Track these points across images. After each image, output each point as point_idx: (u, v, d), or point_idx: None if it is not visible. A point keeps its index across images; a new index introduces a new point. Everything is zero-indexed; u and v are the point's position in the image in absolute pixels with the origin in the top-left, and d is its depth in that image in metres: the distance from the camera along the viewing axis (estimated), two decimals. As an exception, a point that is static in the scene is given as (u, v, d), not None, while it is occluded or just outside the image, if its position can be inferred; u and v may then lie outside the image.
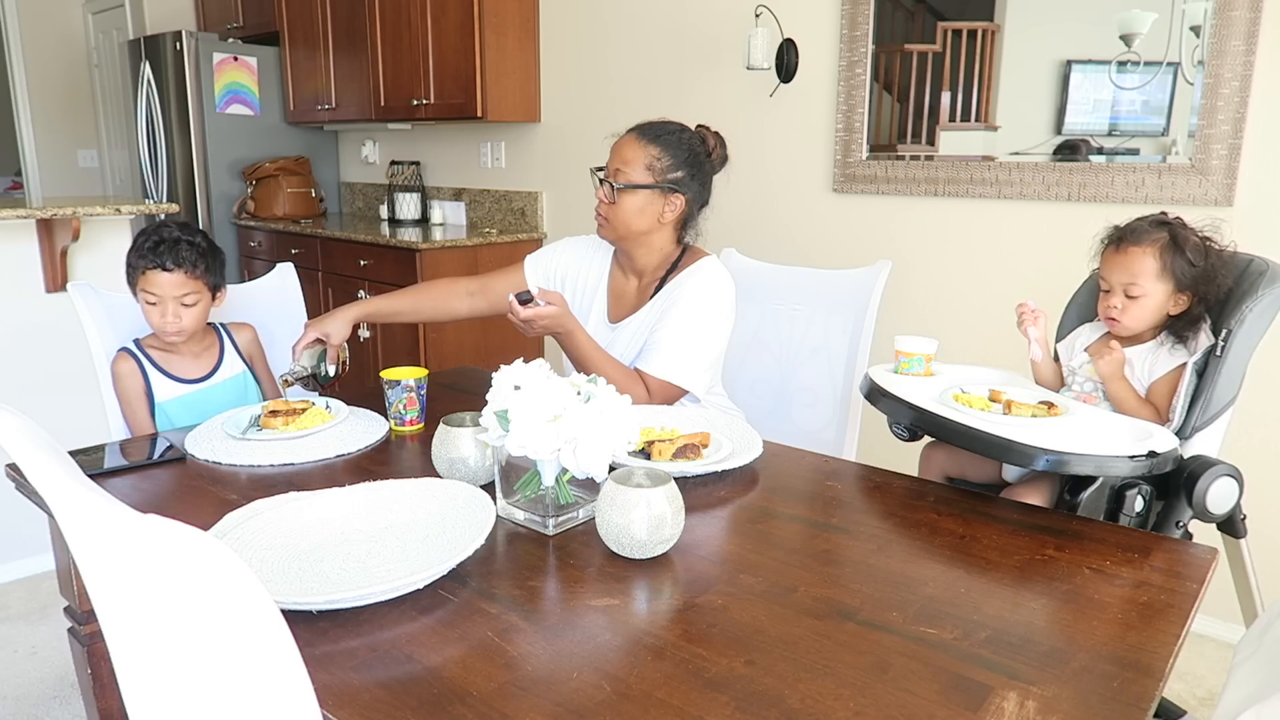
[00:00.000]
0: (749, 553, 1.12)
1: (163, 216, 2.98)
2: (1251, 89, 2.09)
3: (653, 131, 1.70)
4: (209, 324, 1.84)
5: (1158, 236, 1.48)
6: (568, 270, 1.88)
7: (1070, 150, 2.37)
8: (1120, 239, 1.52)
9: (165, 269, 1.69)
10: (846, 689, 0.84)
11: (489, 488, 1.27)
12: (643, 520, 1.06)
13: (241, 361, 1.86)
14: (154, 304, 1.70)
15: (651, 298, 1.75)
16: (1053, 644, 0.92)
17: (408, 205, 4.15)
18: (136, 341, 1.77)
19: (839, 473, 1.43)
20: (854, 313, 1.99)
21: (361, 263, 3.60)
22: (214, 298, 1.78)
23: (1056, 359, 1.66)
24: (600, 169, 1.73)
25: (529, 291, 1.59)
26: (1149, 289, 1.48)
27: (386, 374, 1.57)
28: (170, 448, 1.46)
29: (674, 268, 1.76)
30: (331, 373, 1.74)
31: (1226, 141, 2.13)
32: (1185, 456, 1.38)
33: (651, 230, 1.72)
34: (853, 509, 1.29)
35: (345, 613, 0.96)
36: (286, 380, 1.69)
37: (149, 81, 4.36)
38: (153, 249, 1.69)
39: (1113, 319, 1.53)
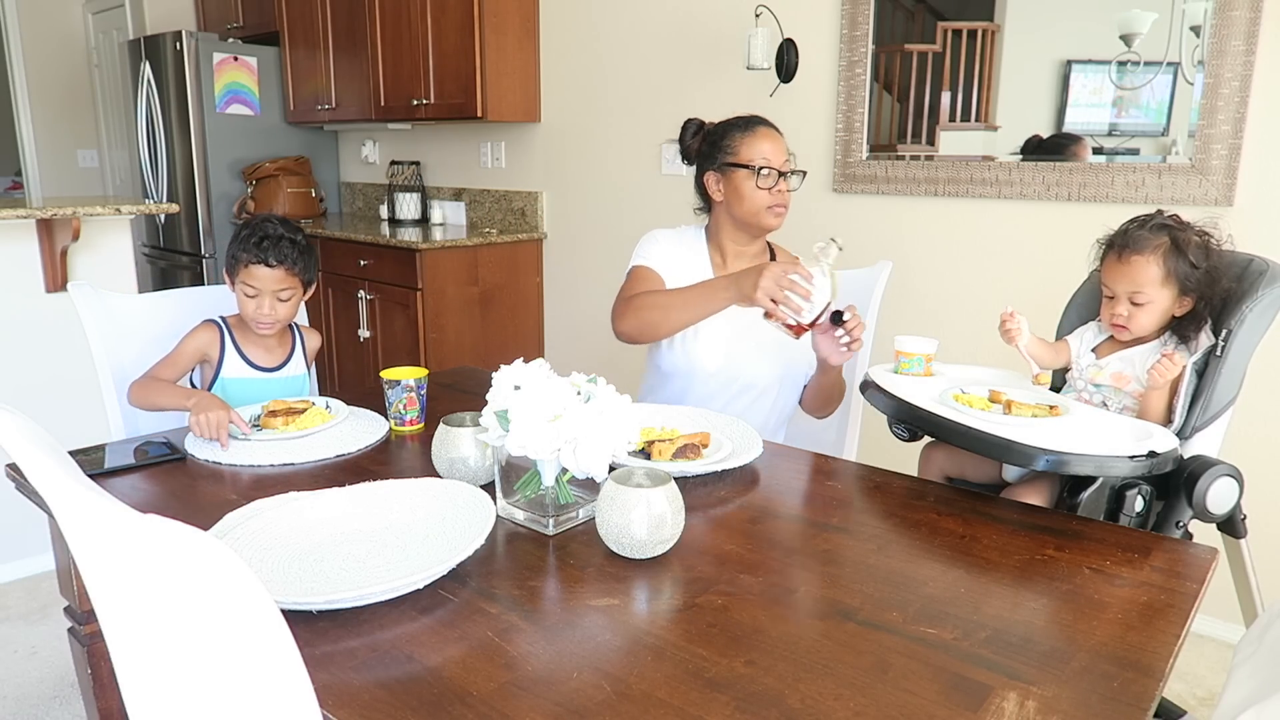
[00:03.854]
0: (749, 553, 1.12)
1: (163, 218, 2.99)
2: (1251, 89, 2.09)
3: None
4: None
5: (1159, 242, 1.48)
6: (673, 264, 1.84)
7: (1049, 150, 2.37)
8: (1122, 247, 1.51)
9: (268, 265, 1.73)
10: (846, 689, 0.84)
11: (489, 488, 1.27)
12: (643, 520, 1.06)
13: (304, 364, 1.88)
14: (252, 296, 1.75)
15: None
16: (1053, 644, 0.92)
17: (408, 205, 4.15)
18: (224, 318, 1.81)
19: (839, 473, 1.43)
20: (854, 313, 1.99)
21: (361, 263, 3.60)
22: (305, 293, 1.83)
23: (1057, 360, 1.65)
24: (763, 167, 1.72)
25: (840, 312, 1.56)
26: (1154, 296, 1.48)
27: (386, 374, 1.57)
28: (171, 448, 1.46)
29: (773, 256, 1.89)
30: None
31: (1226, 141, 2.13)
32: (1185, 456, 1.38)
33: None
34: (853, 509, 1.29)
35: (345, 613, 0.96)
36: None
37: (149, 81, 4.36)
38: (257, 244, 1.74)
39: (1119, 326, 1.52)
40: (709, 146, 1.80)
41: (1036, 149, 2.41)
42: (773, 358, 1.80)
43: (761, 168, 1.73)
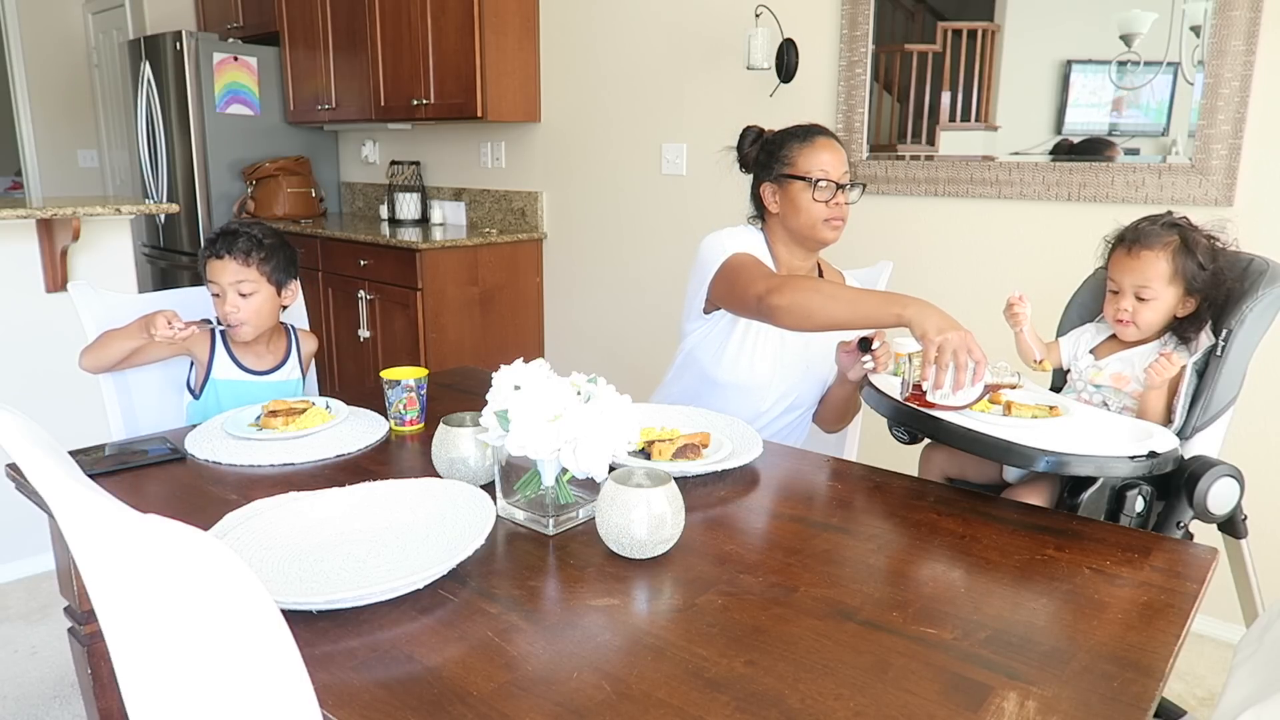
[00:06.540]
0: (749, 553, 1.12)
1: (163, 218, 2.98)
2: (1251, 89, 2.09)
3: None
4: (281, 324, 1.87)
5: (1169, 240, 1.48)
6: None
7: (1085, 150, 2.36)
8: (1132, 241, 1.51)
9: (218, 256, 1.74)
10: (846, 689, 0.84)
11: (489, 488, 1.27)
12: (643, 520, 1.06)
13: (299, 368, 1.88)
14: (217, 295, 1.75)
15: None
16: (1053, 644, 0.92)
17: (408, 205, 4.15)
18: (221, 323, 1.80)
19: (839, 473, 1.43)
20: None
21: (361, 263, 3.60)
22: (279, 294, 1.80)
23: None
24: (821, 179, 1.68)
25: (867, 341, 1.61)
26: (1160, 292, 1.48)
27: (386, 374, 1.57)
28: (170, 448, 1.46)
29: (820, 274, 1.85)
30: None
31: (1226, 141, 2.13)
32: (1186, 457, 1.38)
33: None
34: (853, 509, 1.29)
35: (345, 613, 0.96)
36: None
37: (149, 81, 4.36)
38: (211, 240, 1.76)
39: (1123, 322, 1.52)
40: (766, 156, 1.76)
41: (1068, 152, 2.39)
42: (814, 377, 1.82)
43: (819, 179, 1.68)
